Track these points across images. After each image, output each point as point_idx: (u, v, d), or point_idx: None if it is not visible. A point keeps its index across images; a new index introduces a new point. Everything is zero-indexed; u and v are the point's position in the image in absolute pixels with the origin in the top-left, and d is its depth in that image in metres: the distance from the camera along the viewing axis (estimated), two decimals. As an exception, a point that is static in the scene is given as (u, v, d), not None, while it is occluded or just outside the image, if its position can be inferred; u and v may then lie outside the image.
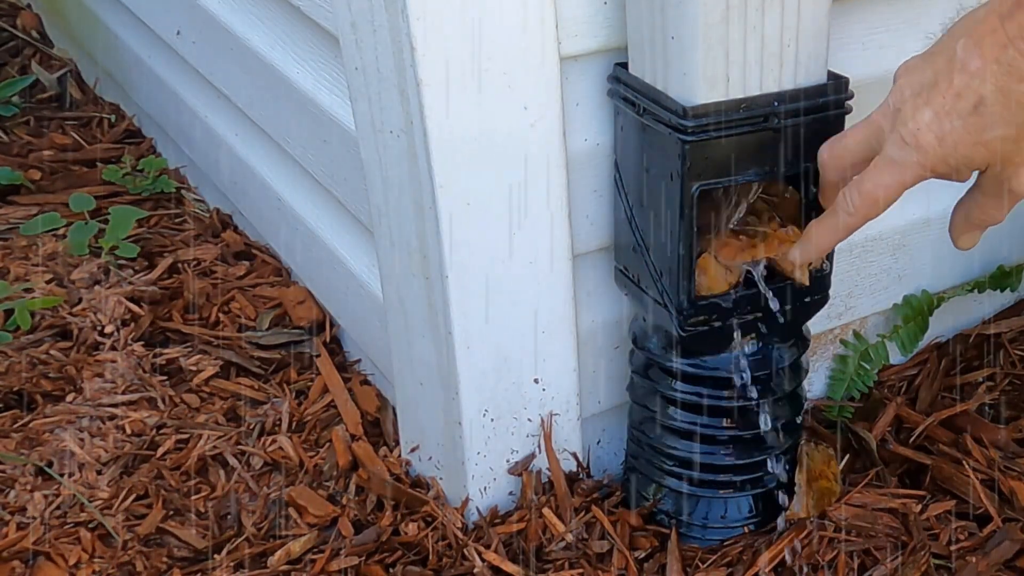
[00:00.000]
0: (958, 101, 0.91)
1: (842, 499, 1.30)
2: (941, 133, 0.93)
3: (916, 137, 0.94)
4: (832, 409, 1.47)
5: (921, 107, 0.93)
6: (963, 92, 0.91)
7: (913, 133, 0.94)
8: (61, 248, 1.84)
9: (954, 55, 0.91)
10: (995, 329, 1.57)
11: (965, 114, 0.91)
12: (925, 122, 0.93)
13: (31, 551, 1.31)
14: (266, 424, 1.50)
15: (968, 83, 0.90)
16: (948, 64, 0.92)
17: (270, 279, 1.79)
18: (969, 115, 0.91)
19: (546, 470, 1.31)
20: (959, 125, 0.92)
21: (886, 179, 0.97)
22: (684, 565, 1.24)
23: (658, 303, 1.17)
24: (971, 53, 0.90)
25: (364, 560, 1.28)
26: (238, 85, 1.71)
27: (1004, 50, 0.88)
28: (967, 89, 0.91)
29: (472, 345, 1.22)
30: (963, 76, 0.91)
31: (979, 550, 1.25)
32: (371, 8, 1.11)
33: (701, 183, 1.08)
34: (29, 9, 2.65)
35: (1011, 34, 0.88)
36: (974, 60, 0.90)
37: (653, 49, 1.08)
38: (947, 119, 0.92)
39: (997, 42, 0.88)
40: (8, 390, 1.55)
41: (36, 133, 2.25)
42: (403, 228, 1.22)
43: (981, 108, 0.91)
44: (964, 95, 0.91)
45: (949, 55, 0.92)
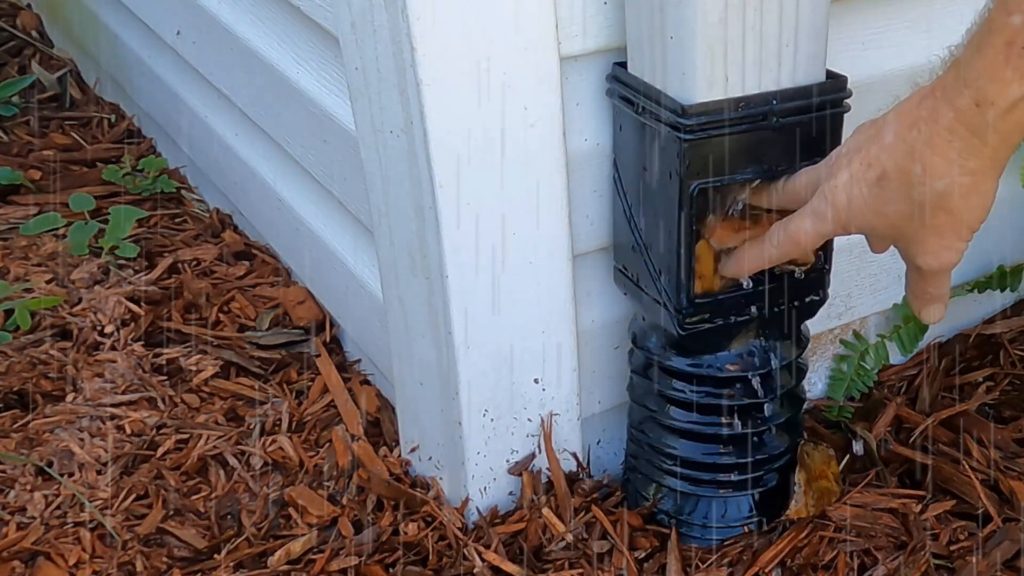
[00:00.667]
0: (868, 170, 0.95)
1: (842, 499, 1.30)
2: (850, 196, 0.97)
3: (833, 194, 0.98)
4: (832, 409, 1.47)
5: (844, 167, 0.98)
6: (873, 163, 0.95)
7: (832, 189, 0.99)
8: (61, 248, 1.84)
9: (880, 126, 0.95)
10: (995, 329, 1.57)
11: (871, 183, 0.95)
12: (842, 182, 0.98)
13: (31, 551, 1.31)
14: (266, 424, 1.50)
15: (878, 155, 0.94)
16: (876, 133, 0.95)
17: (270, 279, 1.79)
18: (873, 185, 0.95)
19: (546, 470, 1.31)
20: (865, 192, 0.96)
21: (806, 225, 1.02)
22: (684, 565, 1.24)
23: (657, 302, 1.17)
24: (889, 127, 0.93)
25: (364, 560, 1.28)
26: (238, 85, 1.71)
27: (910, 130, 0.91)
28: (876, 160, 0.94)
29: (472, 345, 1.22)
30: (877, 147, 0.94)
31: (979, 550, 1.25)
32: (371, 8, 1.11)
33: (700, 182, 1.08)
34: (29, 9, 2.66)
35: (919, 116, 0.90)
36: (889, 134, 0.93)
37: (652, 49, 1.08)
38: (856, 185, 0.96)
39: (908, 121, 0.91)
40: (8, 390, 1.55)
41: (36, 133, 2.25)
42: (403, 228, 1.22)
43: (883, 181, 0.94)
44: (873, 165, 0.95)
45: (880, 125, 0.96)
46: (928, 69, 1.08)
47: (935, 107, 0.88)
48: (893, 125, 0.93)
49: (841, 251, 1.25)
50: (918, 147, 0.90)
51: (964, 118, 0.87)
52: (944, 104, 0.88)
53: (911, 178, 0.91)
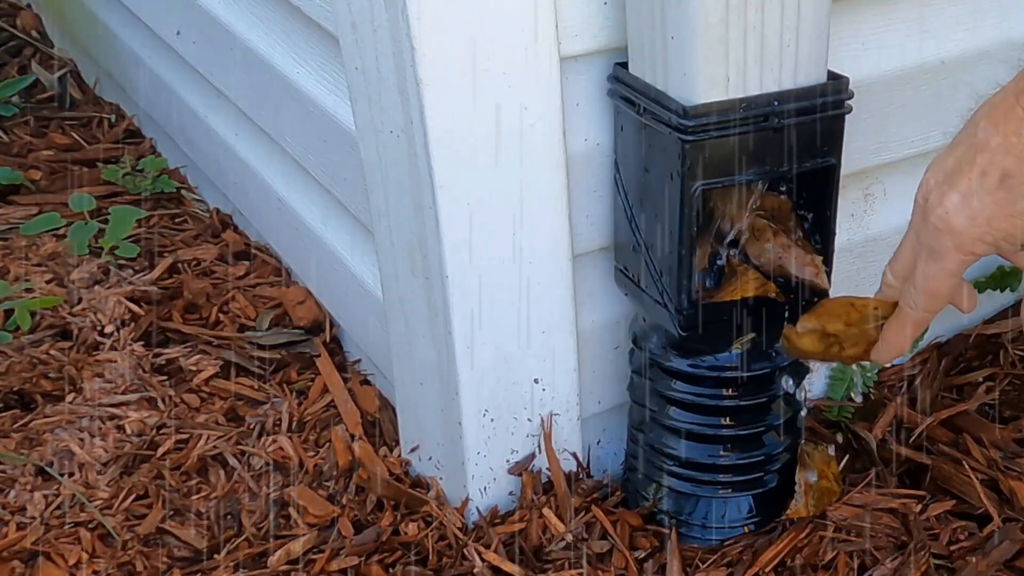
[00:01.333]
0: (984, 179, 0.93)
1: (842, 499, 1.30)
2: (971, 213, 0.94)
3: (947, 221, 0.95)
4: (832, 409, 1.47)
5: (947, 192, 0.94)
6: (987, 169, 0.92)
7: (943, 218, 0.95)
8: (61, 248, 1.84)
9: (975, 139, 0.93)
10: (995, 329, 1.57)
11: (992, 189, 0.93)
12: (953, 205, 0.94)
13: (31, 551, 1.31)
14: (266, 424, 1.50)
15: (991, 160, 0.92)
16: (969, 148, 0.94)
17: (270, 279, 1.79)
18: (996, 190, 0.93)
19: (546, 470, 1.31)
20: (988, 201, 0.93)
21: (932, 271, 0.98)
22: (684, 565, 1.24)
23: (658, 303, 1.17)
24: (990, 132, 0.92)
25: (364, 560, 1.28)
26: (238, 85, 1.71)
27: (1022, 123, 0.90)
28: (991, 166, 0.92)
29: (472, 345, 1.22)
30: (985, 155, 0.92)
31: (979, 550, 1.25)
32: (371, 8, 1.11)
33: (701, 183, 1.08)
34: (29, 9, 2.65)
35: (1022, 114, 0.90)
36: (994, 138, 0.92)
37: (653, 49, 1.08)
38: (975, 198, 0.93)
39: (1014, 118, 0.90)
40: (8, 390, 1.55)
41: (36, 133, 2.25)
42: (403, 228, 1.22)
43: (1007, 181, 0.92)
44: (989, 172, 0.92)
45: (970, 141, 0.94)
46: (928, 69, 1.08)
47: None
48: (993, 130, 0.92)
49: (842, 251, 1.25)
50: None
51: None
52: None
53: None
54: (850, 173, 1.18)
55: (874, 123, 1.30)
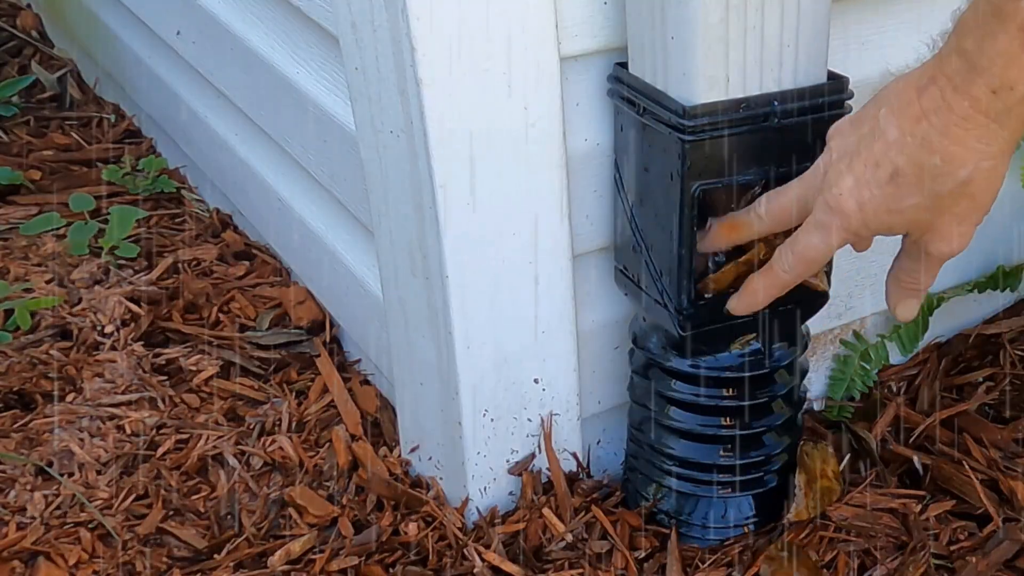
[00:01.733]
0: (876, 170, 0.94)
1: (842, 499, 1.30)
2: (861, 200, 0.96)
3: (839, 202, 0.97)
4: (832, 409, 1.47)
5: (844, 173, 0.97)
6: (881, 161, 0.94)
7: (836, 198, 0.97)
8: (61, 248, 1.84)
9: (876, 123, 0.94)
10: (995, 329, 1.57)
11: (883, 183, 0.94)
12: (847, 188, 0.96)
13: (31, 551, 1.31)
14: (266, 424, 1.50)
15: (885, 153, 0.93)
16: (870, 132, 0.95)
17: (270, 279, 1.79)
18: (886, 184, 0.94)
19: (546, 470, 1.31)
20: (877, 194, 0.95)
21: (815, 240, 1.01)
22: (684, 565, 1.24)
23: (658, 303, 1.17)
24: (889, 123, 0.93)
25: (364, 560, 1.28)
26: (238, 85, 1.71)
27: (918, 123, 0.91)
28: (884, 159, 0.94)
29: (472, 345, 1.22)
30: (881, 145, 0.94)
31: (979, 550, 1.25)
32: (371, 8, 1.11)
33: (701, 183, 1.08)
34: (29, 9, 2.65)
35: (925, 107, 0.90)
36: (892, 130, 0.92)
37: (653, 49, 1.08)
38: (866, 188, 0.95)
39: (912, 115, 0.91)
40: (8, 390, 1.55)
41: (36, 133, 2.25)
42: (403, 228, 1.22)
43: (896, 178, 0.94)
44: (882, 164, 0.94)
45: (872, 123, 0.95)
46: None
47: (943, 97, 0.88)
48: (892, 121, 0.92)
49: (841, 251, 1.25)
50: (934, 139, 0.90)
51: (980, 106, 0.87)
52: (954, 94, 0.87)
53: (929, 170, 0.91)
54: (850, 173, 1.18)
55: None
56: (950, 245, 0.97)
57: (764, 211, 1.06)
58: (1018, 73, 0.84)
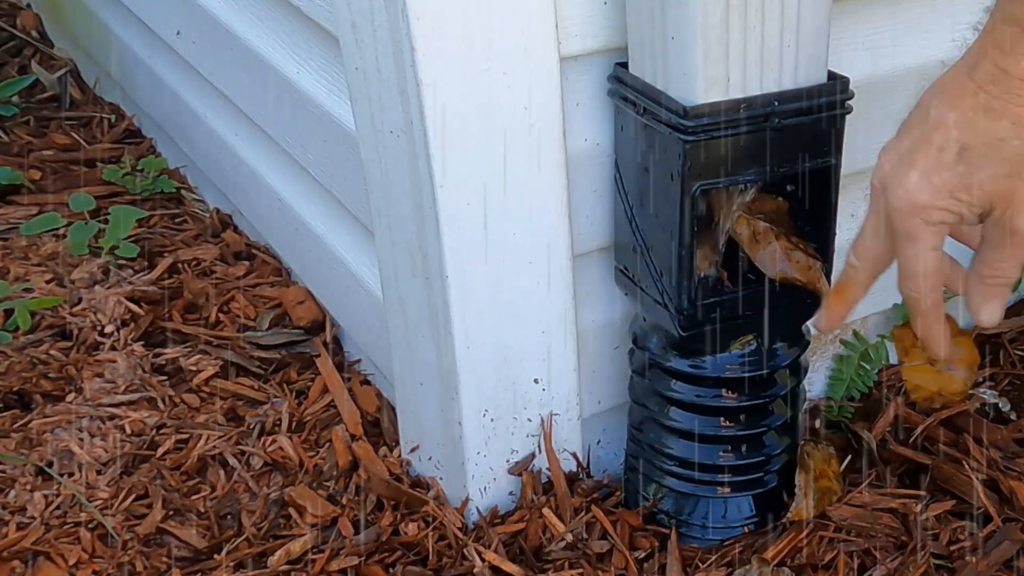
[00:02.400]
0: (942, 154, 0.93)
1: (842, 499, 1.30)
2: (933, 188, 0.93)
3: (911, 200, 0.94)
4: (832, 409, 1.47)
5: (906, 173, 0.94)
6: (945, 145, 0.92)
7: (905, 198, 0.94)
8: (61, 248, 1.84)
9: (927, 119, 0.93)
10: (995, 329, 1.57)
11: (952, 164, 0.92)
12: (914, 183, 0.94)
13: (31, 551, 1.31)
14: (266, 424, 1.50)
15: (947, 135, 0.92)
16: (923, 129, 0.93)
17: (270, 279, 1.79)
18: (956, 164, 0.92)
19: (546, 470, 1.31)
20: (948, 176, 0.93)
21: (912, 252, 0.96)
22: (684, 565, 1.24)
23: (658, 303, 1.17)
24: (946, 110, 0.92)
25: (364, 560, 1.28)
26: (238, 85, 1.71)
27: (976, 97, 0.90)
28: (948, 141, 0.92)
29: (472, 345, 1.22)
30: (941, 131, 0.92)
31: (979, 550, 1.25)
32: (371, 8, 1.11)
33: (701, 183, 1.08)
34: (29, 9, 2.65)
35: (979, 81, 0.89)
36: (950, 115, 0.91)
37: (653, 49, 1.08)
38: (934, 174, 0.93)
39: (968, 93, 0.90)
40: (8, 390, 1.55)
41: (36, 133, 2.25)
42: (403, 228, 1.22)
43: (965, 154, 0.92)
44: (946, 147, 0.92)
45: (923, 122, 0.94)
46: (930, 68, 1.08)
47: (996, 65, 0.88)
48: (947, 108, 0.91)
49: (842, 251, 1.25)
50: (996, 105, 0.89)
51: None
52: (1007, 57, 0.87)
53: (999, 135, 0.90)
54: (850, 173, 1.17)
55: (874, 123, 1.30)
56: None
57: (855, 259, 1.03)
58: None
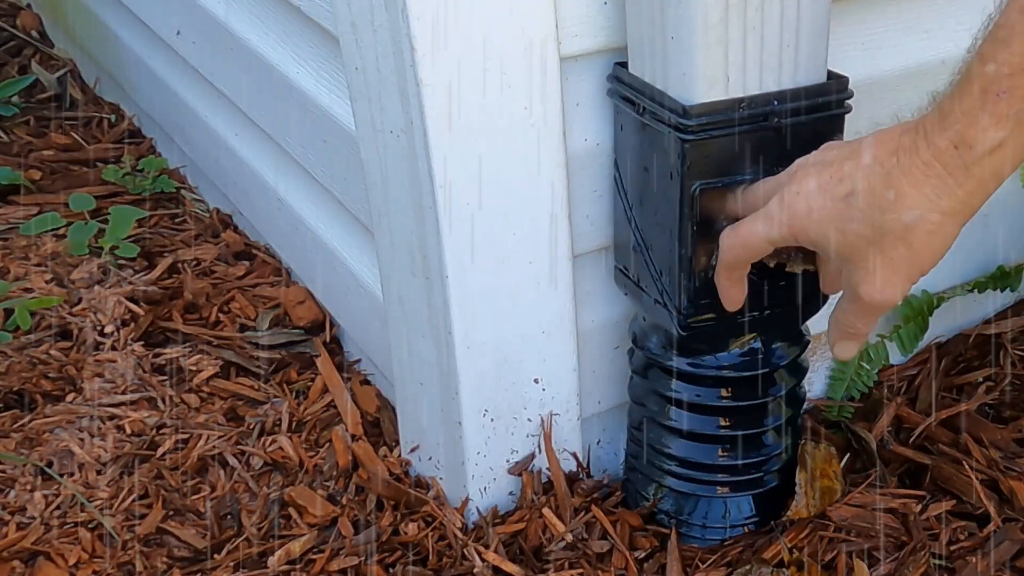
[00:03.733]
0: (838, 185, 0.96)
1: (842, 499, 1.30)
2: (812, 206, 0.98)
3: (793, 200, 0.99)
4: (832, 409, 1.47)
5: (810, 176, 0.99)
6: (844, 178, 0.96)
7: (792, 194, 0.99)
8: (61, 248, 1.84)
9: (858, 147, 0.97)
10: (995, 329, 1.58)
11: (837, 198, 0.96)
12: (806, 190, 0.99)
13: (31, 551, 1.31)
14: (266, 424, 1.50)
15: (852, 172, 0.95)
16: (849, 152, 0.97)
17: (270, 279, 1.79)
18: (840, 200, 0.96)
19: (546, 470, 1.31)
20: (829, 205, 0.97)
21: (758, 228, 1.03)
22: (684, 565, 1.24)
23: (658, 303, 1.17)
24: (868, 149, 0.95)
25: (364, 560, 1.28)
26: (238, 85, 1.71)
27: (890, 156, 0.93)
28: (848, 177, 0.96)
29: (472, 345, 1.22)
30: (852, 165, 0.96)
31: (979, 550, 1.25)
32: (371, 8, 1.11)
33: (701, 182, 1.08)
34: (29, 9, 2.65)
35: (902, 145, 0.92)
36: (867, 156, 0.95)
37: (653, 49, 1.08)
38: (821, 196, 0.97)
39: (889, 148, 0.93)
40: (8, 390, 1.55)
41: (36, 133, 2.25)
42: (403, 228, 1.22)
43: (851, 199, 0.95)
44: (844, 181, 0.96)
45: (854, 145, 0.98)
46: (930, 68, 1.08)
47: (916, 141, 0.91)
48: (872, 149, 0.95)
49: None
50: (895, 174, 0.92)
51: (942, 157, 0.89)
52: (924, 140, 0.90)
53: (882, 202, 0.93)
54: (850, 173, 1.18)
55: (874, 123, 1.30)
56: (881, 293, 0.97)
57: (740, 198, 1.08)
58: (977, 133, 0.87)
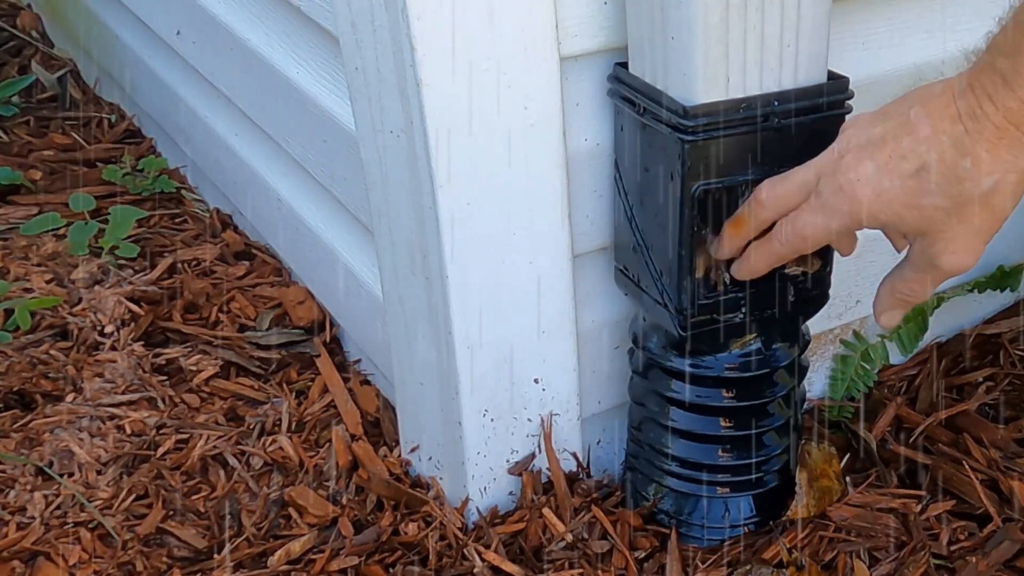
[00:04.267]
0: (902, 162, 0.93)
1: (842, 499, 1.30)
2: (879, 189, 0.95)
3: (853, 187, 0.96)
4: (832, 409, 1.47)
5: (864, 159, 0.96)
6: (908, 154, 0.93)
7: (852, 182, 0.96)
8: (61, 248, 1.84)
9: (907, 119, 0.94)
10: (995, 329, 1.58)
11: (906, 176, 0.93)
12: (866, 175, 0.95)
13: (31, 551, 1.31)
14: (266, 424, 1.50)
15: (915, 147, 0.93)
16: (898, 126, 0.94)
17: (270, 279, 1.79)
18: (909, 177, 0.93)
19: (546, 470, 1.31)
20: (898, 184, 0.94)
21: (818, 220, 1.00)
22: (684, 565, 1.24)
23: (658, 303, 1.17)
24: (922, 120, 0.92)
25: (364, 560, 1.28)
26: (238, 85, 1.71)
27: (954, 124, 0.91)
28: (913, 152, 0.93)
29: (472, 345, 1.22)
30: (911, 139, 0.93)
31: (979, 550, 1.25)
32: (371, 8, 1.11)
33: (701, 183, 1.08)
34: (29, 9, 2.65)
35: (962, 110, 0.90)
36: (924, 127, 0.92)
37: (653, 49, 1.08)
38: (887, 177, 0.94)
39: (948, 115, 0.91)
40: (8, 390, 1.55)
41: (36, 133, 2.25)
42: (403, 228, 1.22)
43: (922, 173, 0.93)
44: (909, 157, 0.93)
45: (901, 118, 0.94)
46: (929, 68, 1.08)
47: (980, 105, 0.89)
48: (925, 119, 0.92)
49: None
50: (966, 141, 0.90)
51: (1015, 117, 0.87)
52: (990, 103, 0.88)
53: (957, 172, 0.91)
54: (850, 173, 1.18)
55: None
56: (962, 259, 0.96)
57: (766, 197, 1.04)
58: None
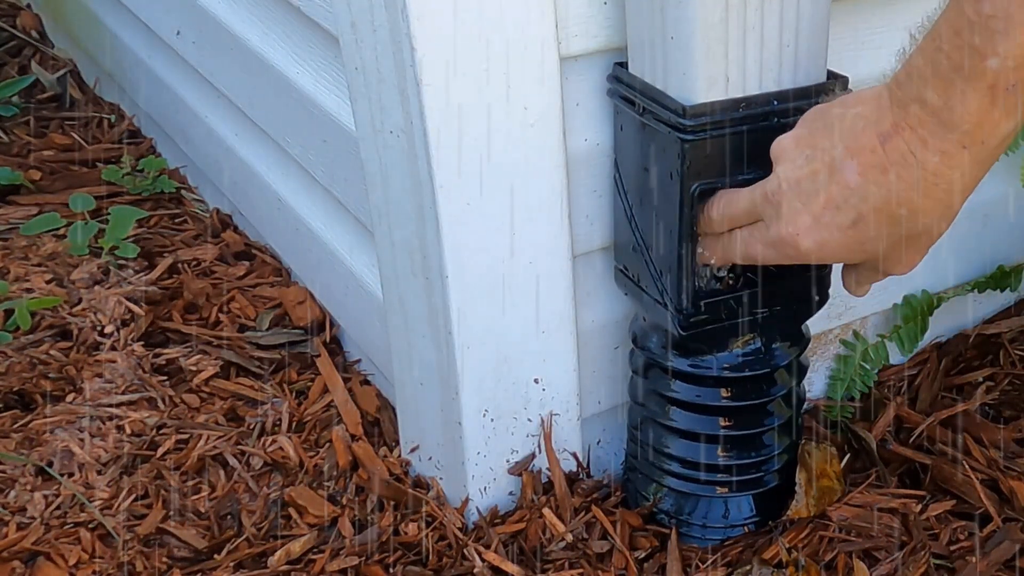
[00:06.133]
0: (837, 214, 0.93)
1: (842, 499, 1.30)
2: (820, 241, 0.95)
3: (795, 242, 0.96)
4: (832, 409, 1.47)
5: (801, 211, 0.95)
6: (842, 206, 0.92)
7: (792, 236, 0.96)
8: (61, 248, 1.84)
9: (832, 161, 0.92)
10: (995, 329, 1.58)
11: (844, 227, 0.93)
12: (804, 227, 0.95)
13: (31, 551, 1.31)
14: (266, 424, 1.50)
15: (847, 198, 0.91)
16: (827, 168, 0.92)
17: (270, 279, 1.79)
18: (848, 229, 0.93)
19: (546, 470, 1.32)
20: (838, 236, 0.94)
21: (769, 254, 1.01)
22: (684, 565, 1.24)
23: (658, 303, 1.17)
24: (848, 166, 0.91)
25: (364, 560, 1.28)
26: (238, 85, 1.71)
27: (884, 175, 0.89)
28: (846, 204, 0.92)
29: (472, 345, 1.22)
30: (841, 189, 0.92)
31: (979, 550, 1.25)
32: (371, 8, 1.11)
33: (701, 182, 1.08)
34: (29, 9, 2.65)
35: (892, 159, 0.88)
36: (852, 175, 0.90)
37: (653, 49, 1.08)
38: (825, 230, 0.94)
39: (877, 164, 0.89)
40: (8, 390, 1.55)
41: (36, 133, 2.25)
42: (403, 228, 1.22)
43: (860, 224, 0.92)
44: (843, 209, 0.92)
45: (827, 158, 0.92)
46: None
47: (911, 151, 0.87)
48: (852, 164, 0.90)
49: (841, 251, 1.25)
50: (902, 192, 0.89)
51: (952, 161, 0.86)
52: (924, 149, 0.86)
53: (894, 219, 0.91)
54: (850, 173, 1.18)
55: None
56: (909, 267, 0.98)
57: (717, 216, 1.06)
58: (991, 129, 0.84)
